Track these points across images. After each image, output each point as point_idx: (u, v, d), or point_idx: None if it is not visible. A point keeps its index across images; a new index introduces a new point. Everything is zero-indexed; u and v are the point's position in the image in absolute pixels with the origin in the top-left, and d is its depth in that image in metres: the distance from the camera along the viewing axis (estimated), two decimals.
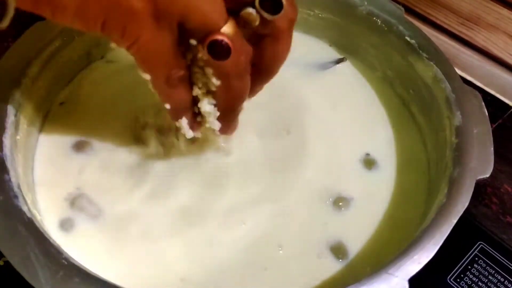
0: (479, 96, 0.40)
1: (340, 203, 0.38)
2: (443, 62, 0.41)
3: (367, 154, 0.41)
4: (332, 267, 0.35)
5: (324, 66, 0.47)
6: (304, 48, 0.47)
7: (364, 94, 0.45)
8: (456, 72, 0.41)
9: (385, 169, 0.41)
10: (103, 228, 0.36)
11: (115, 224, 0.36)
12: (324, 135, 0.42)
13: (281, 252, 0.36)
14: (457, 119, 0.38)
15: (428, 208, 0.35)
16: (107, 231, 0.36)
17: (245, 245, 0.36)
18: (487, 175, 0.35)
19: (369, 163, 0.41)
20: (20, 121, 0.37)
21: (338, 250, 0.36)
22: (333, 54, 0.48)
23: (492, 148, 0.37)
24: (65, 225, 0.36)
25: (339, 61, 0.47)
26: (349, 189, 0.39)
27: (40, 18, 0.41)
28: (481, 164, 0.36)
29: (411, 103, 0.44)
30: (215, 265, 0.35)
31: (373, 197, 0.39)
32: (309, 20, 0.48)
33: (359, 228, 0.37)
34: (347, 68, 0.47)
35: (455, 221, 0.33)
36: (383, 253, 0.35)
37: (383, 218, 0.38)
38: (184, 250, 0.36)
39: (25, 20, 0.53)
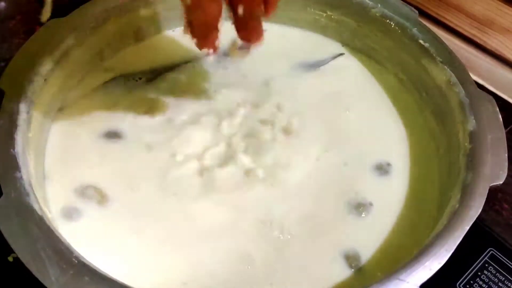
0: (494, 101, 0.39)
1: (360, 209, 0.38)
2: (458, 66, 0.41)
3: (383, 160, 0.41)
4: (342, 274, 0.35)
5: (322, 62, 0.46)
6: (316, 49, 0.47)
7: (377, 96, 0.45)
8: (471, 77, 0.40)
9: (399, 174, 0.40)
10: (110, 219, 0.36)
11: (124, 215, 0.37)
12: (337, 138, 0.42)
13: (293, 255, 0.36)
14: (471, 124, 0.38)
15: (441, 214, 0.35)
16: (114, 222, 0.36)
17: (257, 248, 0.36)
18: (501, 182, 0.35)
19: (383, 168, 0.41)
20: (32, 119, 0.37)
21: (351, 258, 0.36)
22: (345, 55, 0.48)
23: (506, 155, 0.36)
24: (73, 214, 0.36)
25: (336, 56, 0.47)
26: (366, 195, 0.39)
27: (53, 16, 0.42)
28: (495, 170, 0.35)
29: (423, 107, 0.43)
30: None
31: (388, 203, 0.39)
32: (322, 21, 0.47)
33: (372, 235, 0.37)
34: (359, 70, 0.47)
35: (467, 227, 0.33)
36: (394, 259, 0.35)
37: (396, 224, 0.37)
38: (188, 254, 0.36)
39: (37, 17, 0.53)
